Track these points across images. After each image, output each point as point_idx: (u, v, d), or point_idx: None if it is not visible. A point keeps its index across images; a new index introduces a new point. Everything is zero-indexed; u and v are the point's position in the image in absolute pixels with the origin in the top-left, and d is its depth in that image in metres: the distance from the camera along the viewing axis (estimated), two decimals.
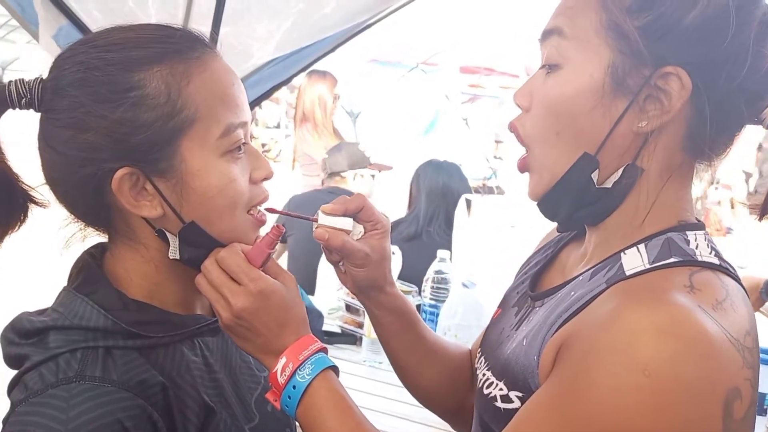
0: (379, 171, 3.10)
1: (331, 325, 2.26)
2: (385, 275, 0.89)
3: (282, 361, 0.75)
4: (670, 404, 0.57)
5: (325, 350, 0.79)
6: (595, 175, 0.71)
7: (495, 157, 7.14)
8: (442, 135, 6.59)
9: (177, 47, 0.73)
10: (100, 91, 0.70)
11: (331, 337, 2.20)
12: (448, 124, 6.75)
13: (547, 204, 0.77)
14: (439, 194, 2.68)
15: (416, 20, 5.13)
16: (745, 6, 0.67)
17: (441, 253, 2.14)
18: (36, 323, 0.73)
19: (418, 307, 2.12)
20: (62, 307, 0.74)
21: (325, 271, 2.40)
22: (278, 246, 1.10)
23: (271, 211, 0.83)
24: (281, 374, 0.75)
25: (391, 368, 0.99)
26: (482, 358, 0.85)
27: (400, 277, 2.30)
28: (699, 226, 0.73)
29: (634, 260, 0.70)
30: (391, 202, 3.52)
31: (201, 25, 1.60)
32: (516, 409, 0.70)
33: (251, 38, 1.82)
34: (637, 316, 0.60)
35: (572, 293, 0.72)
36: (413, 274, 2.27)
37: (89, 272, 0.78)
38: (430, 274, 2.13)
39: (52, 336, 0.72)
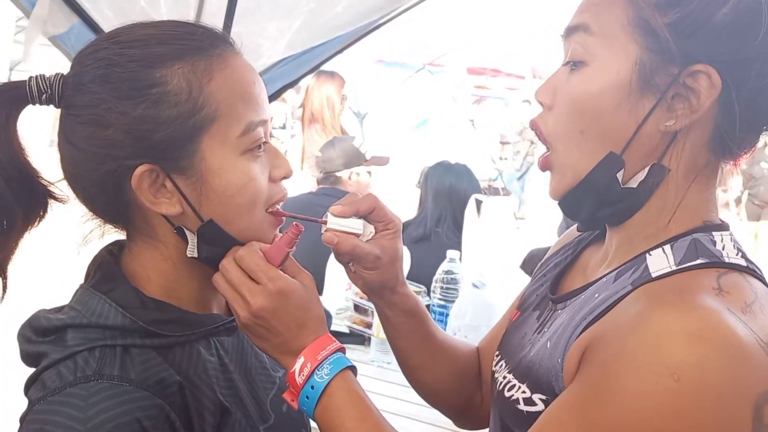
0: (378, 165, 2.95)
1: (339, 325, 2.26)
2: (397, 276, 0.88)
3: (300, 361, 0.75)
4: (699, 408, 0.57)
5: (343, 350, 0.78)
6: (620, 175, 0.70)
7: (501, 158, 7.15)
8: (448, 136, 6.58)
9: (199, 44, 0.73)
10: (122, 88, 0.69)
11: (340, 337, 2.17)
12: (453, 125, 6.75)
13: (569, 203, 0.75)
14: (445, 196, 2.66)
15: (423, 22, 5.14)
16: None
17: (451, 253, 2.14)
18: (53, 321, 0.73)
19: (427, 307, 2.12)
20: (80, 305, 0.74)
21: (334, 271, 2.39)
22: None
23: (278, 213, 0.80)
24: (299, 374, 0.74)
25: (399, 368, 0.98)
26: (502, 361, 0.84)
27: (408, 278, 2.29)
28: (724, 226, 0.72)
29: (659, 262, 0.69)
30: (396, 203, 3.50)
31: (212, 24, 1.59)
32: (539, 412, 0.69)
33: (262, 37, 1.81)
34: (665, 320, 0.59)
35: (596, 295, 0.71)
36: (422, 275, 2.27)
37: (107, 270, 0.77)
38: (439, 274, 2.13)
39: (70, 334, 0.71)
